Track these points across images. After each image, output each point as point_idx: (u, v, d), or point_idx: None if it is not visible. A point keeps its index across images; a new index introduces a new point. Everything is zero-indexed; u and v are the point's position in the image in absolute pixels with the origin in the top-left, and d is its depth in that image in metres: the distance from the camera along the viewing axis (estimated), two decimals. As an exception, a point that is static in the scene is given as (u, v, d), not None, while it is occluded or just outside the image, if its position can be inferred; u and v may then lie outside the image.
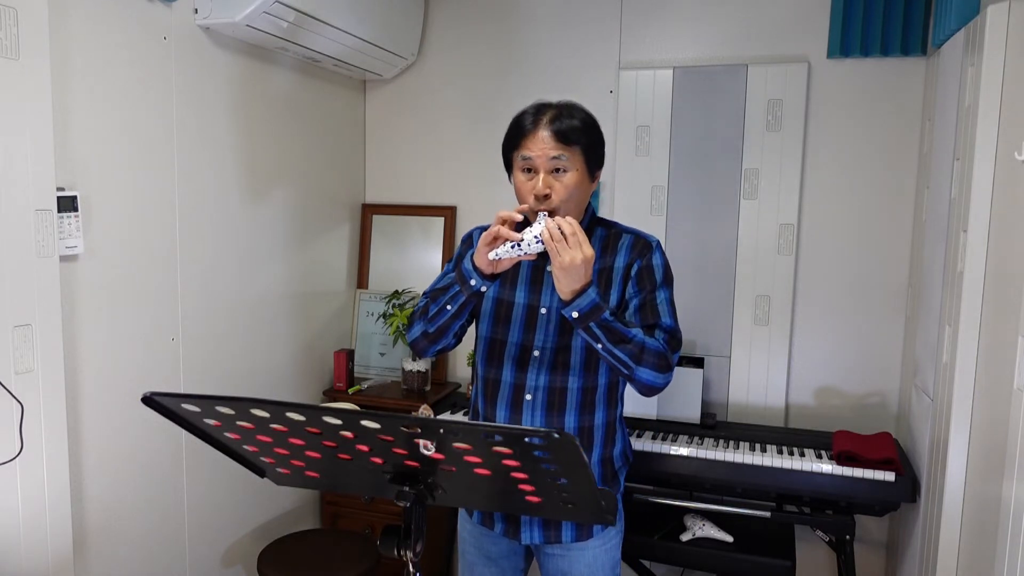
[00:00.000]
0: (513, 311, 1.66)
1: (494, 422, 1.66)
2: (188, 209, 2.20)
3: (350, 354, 2.91)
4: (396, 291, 2.95)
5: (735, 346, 2.70)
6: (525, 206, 1.54)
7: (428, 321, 1.63)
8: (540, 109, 1.58)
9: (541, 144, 1.54)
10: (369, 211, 3.16)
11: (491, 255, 1.47)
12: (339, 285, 3.06)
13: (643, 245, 1.64)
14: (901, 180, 2.56)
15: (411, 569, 1.17)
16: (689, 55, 2.74)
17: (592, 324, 1.47)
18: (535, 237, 1.44)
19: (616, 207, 2.80)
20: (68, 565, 1.78)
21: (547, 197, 1.54)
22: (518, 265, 1.63)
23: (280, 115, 2.60)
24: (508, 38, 2.94)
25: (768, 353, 2.68)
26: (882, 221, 2.59)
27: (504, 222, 1.47)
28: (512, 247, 1.45)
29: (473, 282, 1.52)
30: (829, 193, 2.63)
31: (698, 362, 2.60)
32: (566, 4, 2.86)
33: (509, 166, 1.63)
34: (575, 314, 1.47)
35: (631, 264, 1.63)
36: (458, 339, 1.69)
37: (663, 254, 1.65)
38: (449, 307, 1.58)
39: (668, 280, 1.63)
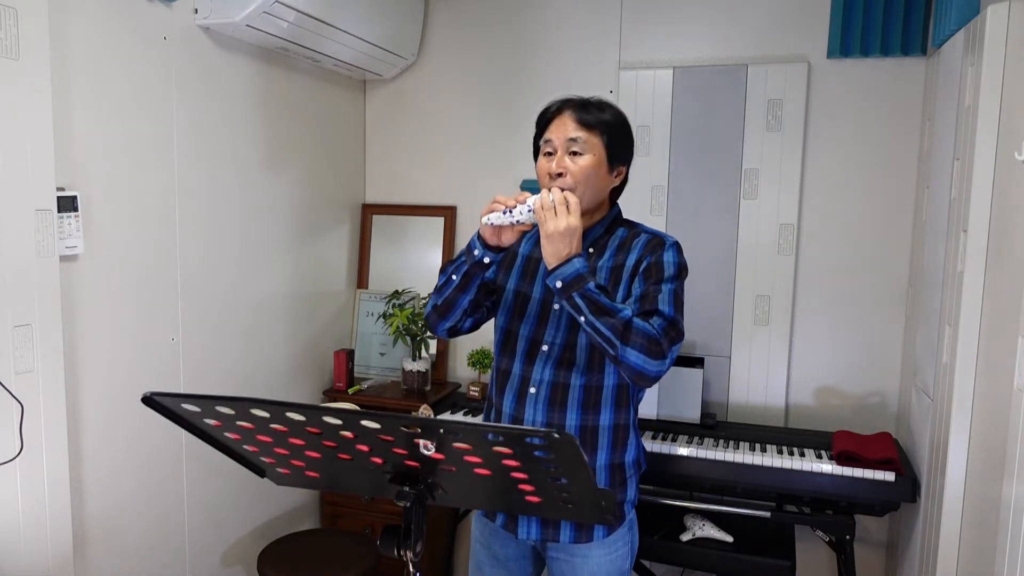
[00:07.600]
0: (529, 305, 1.68)
1: (501, 412, 1.68)
2: (188, 209, 2.20)
3: (350, 354, 2.91)
4: (396, 291, 2.95)
5: (735, 346, 2.70)
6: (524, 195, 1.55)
7: (437, 292, 1.66)
8: (568, 100, 1.62)
9: (561, 126, 1.58)
10: (369, 211, 3.16)
11: (484, 219, 1.49)
12: (339, 285, 3.06)
13: (656, 243, 1.62)
14: (901, 180, 2.56)
15: (411, 569, 1.17)
16: (689, 55, 2.74)
17: (574, 294, 1.45)
18: (527, 206, 1.46)
19: (616, 207, 2.79)
20: (68, 565, 1.78)
21: (560, 175, 1.56)
22: (539, 260, 1.65)
23: (280, 115, 2.60)
24: (508, 38, 2.94)
25: (768, 353, 2.68)
26: (882, 221, 2.59)
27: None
28: (504, 213, 1.48)
29: (476, 252, 1.54)
30: (829, 193, 2.63)
31: (698, 362, 2.60)
32: (566, 4, 2.86)
33: (536, 157, 1.66)
34: (558, 283, 1.46)
35: (641, 260, 1.60)
36: (474, 323, 1.71)
37: (678, 253, 1.61)
38: (454, 277, 1.60)
39: (678, 276, 1.59)
